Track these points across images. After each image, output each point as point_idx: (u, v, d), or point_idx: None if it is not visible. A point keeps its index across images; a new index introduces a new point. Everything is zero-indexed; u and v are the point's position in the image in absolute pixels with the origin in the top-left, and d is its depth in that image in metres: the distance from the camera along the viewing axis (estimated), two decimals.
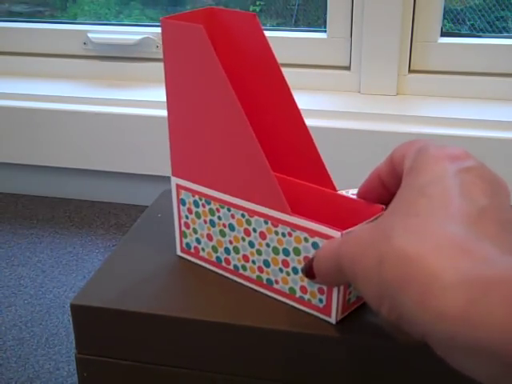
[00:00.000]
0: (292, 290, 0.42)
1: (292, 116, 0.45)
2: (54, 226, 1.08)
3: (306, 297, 0.42)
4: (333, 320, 0.41)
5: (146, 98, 1.10)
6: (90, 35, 1.19)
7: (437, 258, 0.27)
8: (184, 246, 0.49)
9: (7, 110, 1.12)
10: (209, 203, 0.45)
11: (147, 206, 0.58)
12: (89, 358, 0.45)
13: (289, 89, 0.44)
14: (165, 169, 1.04)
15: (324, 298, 0.41)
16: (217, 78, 0.40)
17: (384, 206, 0.41)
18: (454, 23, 1.14)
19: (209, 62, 0.40)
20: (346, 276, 0.33)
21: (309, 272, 0.37)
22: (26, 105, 1.11)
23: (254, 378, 0.43)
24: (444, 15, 1.08)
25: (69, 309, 0.83)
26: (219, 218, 0.45)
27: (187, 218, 0.47)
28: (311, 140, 0.45)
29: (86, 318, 0.45)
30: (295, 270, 0.42)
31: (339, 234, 0.38)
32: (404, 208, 0.30)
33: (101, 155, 1.11)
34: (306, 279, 0.41)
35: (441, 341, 0.26)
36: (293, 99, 0.45)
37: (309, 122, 0.45)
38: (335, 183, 0.48)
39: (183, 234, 0.48)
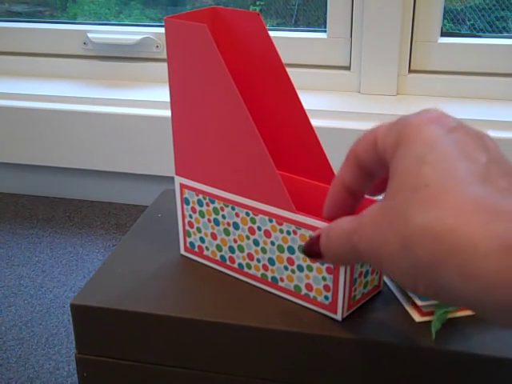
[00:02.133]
0: (297, 287, 0.43)
1: (297, 114, 0.45)
2: (54, 226, 1.08)
3: (312, 294, 0.42)
4: (339, 317, 0.41)
5: (146, 97, 1.10)
6: (89, 35, 1.19)
7: (468, 227, 0.26)
8: (188, 245, 0.49)
9: (7, 110, 1.12)
10: (213, 202, 0.45)
11: (147, 206, 0.58)
12: (89, 357, 0.45)
13: (293, 87, 0.45)
14: (165, 169, 1.05)
15: (330, 295, 0.41)
16: (220, 76, 0.40)
17: None
18: (454, 23, 1.14)
19: (212, 61, 0.40)
20: (365, 259, 0.32)
21: (314, 251, 0.35)
22: (26, 105, 1.11)
23: (255, 379, 0.43)
24: (444, 15, 1.08)
25: (69, 309, 0.83)
26: (223, 216, 0.45)
27: (191, 217, 0.47)
28: (316, 138, 0.45)
29: (85, 318, 0.45)
30: (300, 268, 0.42)
31: None
32: (409, 182, 0.29)
33: (101, 155, 1.11)
34: (311, 276, 0.41)
35: (490, 309, 0.26)
36: (297, 97, 0.45)
37: None
38: None
39: (187, 233, 0.48)
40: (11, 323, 0.82)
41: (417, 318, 0.41)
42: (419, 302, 0.41)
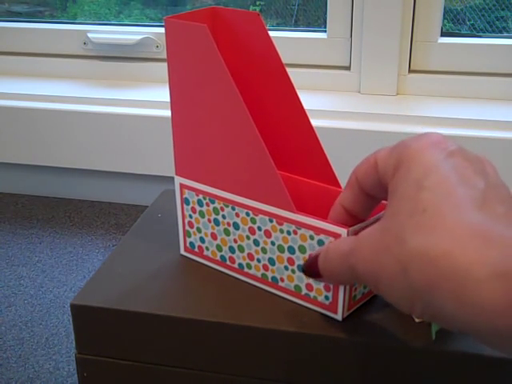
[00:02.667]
0: (298, 287, 0.43)
1: (297, 114, 0.45)
2: (54, 226, 1.08)
3: (312, 294, 0.42)
4: (339, 317, 0.41)
5: (146, 97, 1.10)
6: (90, 35, 1.19)
7: (462, 253, 0.26)
8: (188, 245, 0.49)
9: (7, 110, 1.12)
10: (213, 202, 0.45)
11: (147, 206, 0.58)
12: (89, 357, 0.45)
13: (293, 87, 0.45)
14: (165, 169, 1.05)
15: (330, 295, 0.41)
16: (221, 76, 0.40)
17: None
18: (454, 23, 1.14)
19: (212, 61, 0.40)
20: (362, 281, 0.33)
21: (313, 271, 0.37)
22: (26, 105, 1.11)
23: (255, 379, 0.43)
24: (444, 15, 1.08)
25: (69, 309, 0.83)
26: (223, 216, 0.45)
27: (191, 217, 0.47)
28: (316, 138, 0.45)
29: (85, 318, 0.45)
30: (301, 268, 0.42)
31: (345, 231, 0.38)
32: (406, 206, 0.29)
33: (101, 155, 1.11)
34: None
35: (485, 334, 0.26)
36: (297, 97, 0.45)
37: None
38: None
39: (187, 234, 0.48)
40: (11, 323, 0.82)
41: (418, 319, 0.41)
42: None
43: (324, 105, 1.05)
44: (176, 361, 0.44)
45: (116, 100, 1.10)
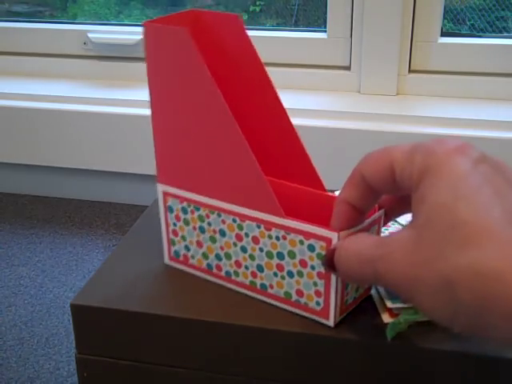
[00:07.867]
0: (287, 294, 0.42)
1: (278, 116, 0.44)
2: (54, 226, 1.08)
3: (303, 300, 0.41)
4: (331, 323, 0.40)
5: (146, 97, 1.10)
6: (90, 35, 1.19)
7: None
8: (172, 254, 0.47)
9: (7, 110, 1.12)
10: (198, 209, 0.44)
11: (147, 206, 0.58)
12: (89, 357, 0.45)
13: (274, 88, 0.43)
14: None
15: (321, 300, 0.40)
16: (203, 80, 0.39)
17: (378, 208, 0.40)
18: (454, 23, 1.14)
19: (194, 65, 0.39)
20: (391, 288, 0.31)
21: (330, 266, 0.36)
22: (26, 105, 1.11)
23: (255, 379, 0.43)
24: (444, 15, 1.08)
25: (69, 309, 0.83)
26: (209, 223, 0.44)
27: (175, 225, 0.46)
28: (297, 138, 0.44)
29: (86, 318, 0.45)
30: (290, 274, 0.41)
31: (336, 235, 0.37)
32: (443, 215, 0.28)
33: (101, 155, 1.11)
34: (302, 282, 0.41)
35: None
36: (278, 98, 0.44)
37: (309, 122, 0.45)
38: (335, 183, 0.48)
39: (171, 242, 0.47)
40: (11, 323, 0.82)
41: (386, 319, 0.41)
42: (389, 304, 0.41)
43: (324, 105, 1.05)
44: (176, 361, 0.44)
45: (116, 100, 1.10)
